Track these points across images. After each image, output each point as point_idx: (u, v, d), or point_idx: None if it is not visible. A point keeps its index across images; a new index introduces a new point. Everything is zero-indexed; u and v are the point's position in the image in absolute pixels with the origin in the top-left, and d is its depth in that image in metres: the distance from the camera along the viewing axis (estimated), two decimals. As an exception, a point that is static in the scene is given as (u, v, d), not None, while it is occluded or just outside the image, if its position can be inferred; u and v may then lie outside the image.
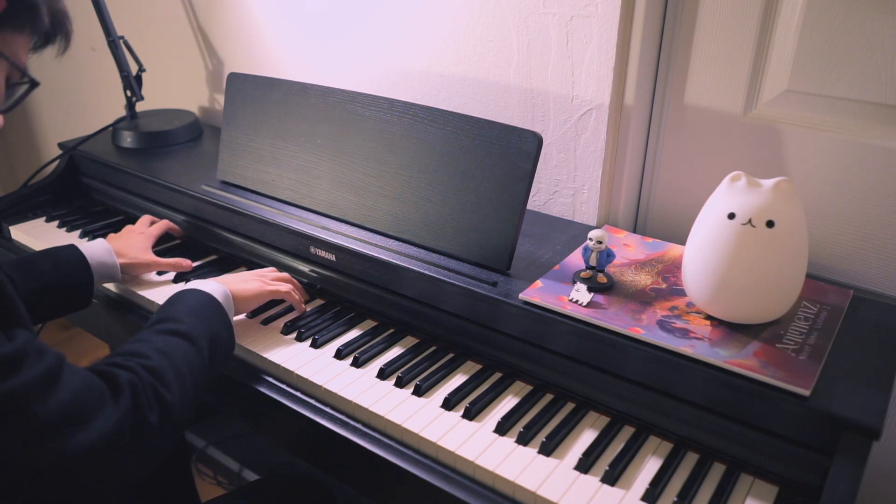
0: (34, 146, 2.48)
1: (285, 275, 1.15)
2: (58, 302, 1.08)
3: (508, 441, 0.86)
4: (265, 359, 1.02)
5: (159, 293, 1.17)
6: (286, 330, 1.07)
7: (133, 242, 1.20)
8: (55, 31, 0.74)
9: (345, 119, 1.17)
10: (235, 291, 1.02)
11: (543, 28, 1.15)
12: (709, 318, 0.90)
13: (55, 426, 0.66)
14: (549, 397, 0.94)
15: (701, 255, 0.87)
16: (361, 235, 1.13)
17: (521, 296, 0.94)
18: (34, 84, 0.74)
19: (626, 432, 0.88)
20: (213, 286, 0.99)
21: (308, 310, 1.14)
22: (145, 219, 1.31)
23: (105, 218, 1.47)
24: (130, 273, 1.18)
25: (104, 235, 1.37)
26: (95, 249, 1.13)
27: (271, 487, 1.13)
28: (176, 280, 1.22)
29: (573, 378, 0.93)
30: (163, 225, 1.30)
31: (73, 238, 1.38)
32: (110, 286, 1.22)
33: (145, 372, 0.77)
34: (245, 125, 1.29)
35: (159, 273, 1.23)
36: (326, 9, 1.42)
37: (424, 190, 1.08)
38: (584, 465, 0.82)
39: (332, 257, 1.13)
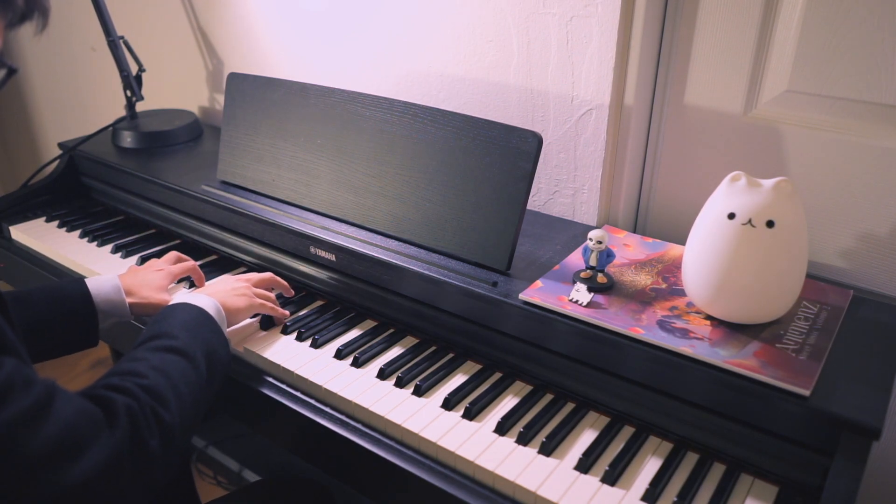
0: (34, 146, 2.48)
1: (267, 275, 1.12)
2: (58, 339, 1.00)
3: (508, 441, 0.86)
4: (265, 359, 1.02)
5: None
6: (286, 330, 1.07)
7: (148, 280, 1.09)
8: (30, 7, 0.69)
9: (345, 119, 1.17)
10: (226, 304, 0.99)
11: (543, 28, 1.15)
12: (709, 318, 0.90)
13: (47, 459, 0.63)
14: (549, 397, 0.94)
15: (701, 255, 0.87)
16: (361, 235, 1.13)
17: (521, 296, 0.94)
18: (12, 70, 0.69)
19: (626, 432, 0.88)
20: (205, 300, 0.95)
21: (306, 311, 1.14)
22: (172, 255, 1.18)
23: (105, 218, 1.47)
24: (140, 314, 1.07)
25: (104, 235, 1.37)
26: (103, 286, 1.03)
27: (272, 489, 1.13)
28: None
29: (573, 378, 0.93)
30: (187, 267, 1.16)
31: (72, 238, 1.38)
32: None
33: (143, 393, 0.74)
34: (245, 125, 1.29)
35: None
36: (327, 9, 1.42)
37: (424, 190, 1.08)
38: (584, 465, 0.82)
39: (332, 257, 1.13)
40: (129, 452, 0.69)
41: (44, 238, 1.38)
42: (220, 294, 1.00)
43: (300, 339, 1.05)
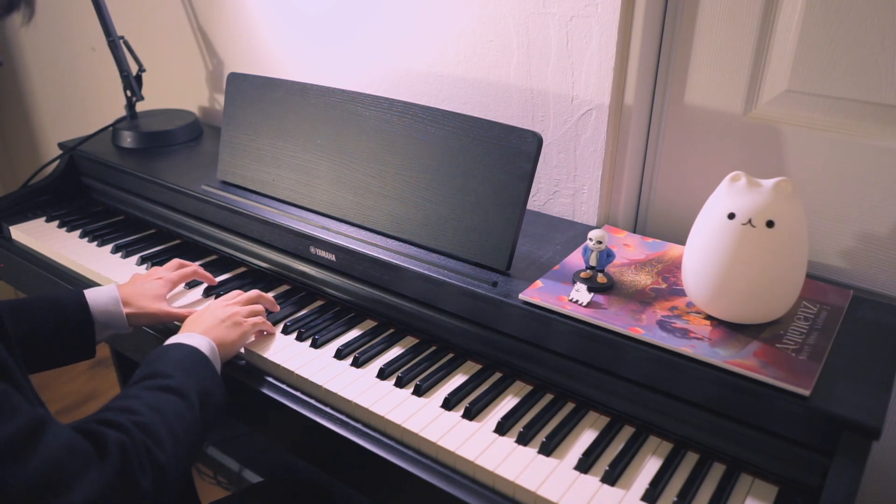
0: (34, 146, 2.48)
1: (253, 293, 1.09)
2: (55, 350, 0.99)
3: (508, 441, 0.86)
4: (265, 359, 1.02)
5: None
6: (286, 330, 1.07)
7: (146, 289, 1.08)
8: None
9: (345, 119, 1.17)
10: (220, 340, 0.96)
11: (543, 28, 1.15)
12: (709, 318, 0.90)
13: (31, 492, 0.60)
14: (549, 397, 0.94)
15: (701, 255, 0.87)
16: (361, 235, 1.13)
17: (521, 296, 0.94)
18: None
19: (626, 432, 0.88)
20: (198, 339, 0.93)
21: (306, 311, 1.14)
22: (174, 263, 1.17)
23: (105, 218, 1.47)
24: (139, 324, 1.06)
25: (104, 235, 1.37)
26: (101, 297, 1.03)
27: (272, 490, 1.13)
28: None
29: (573, 378, 0.93)
30: (188, 272, 1.16)
31: (72, 238, 1.38)
32: None
33: (137, 430, 0.72)
34: (245, 125, 1.29)
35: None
36: (327, 9, 1.42)
37: (424, 190, 1.08)
38: (584, 465, 0.82)
39: (332, 257, 1.13)
40: (118, 491, 0.67)
41: (44, 238, 1.38)
42: (212, 331, 0.97)
43: (300, 339, 1.05)
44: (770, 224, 0.81)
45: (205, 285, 1.19)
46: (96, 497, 0.64)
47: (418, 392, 0.94)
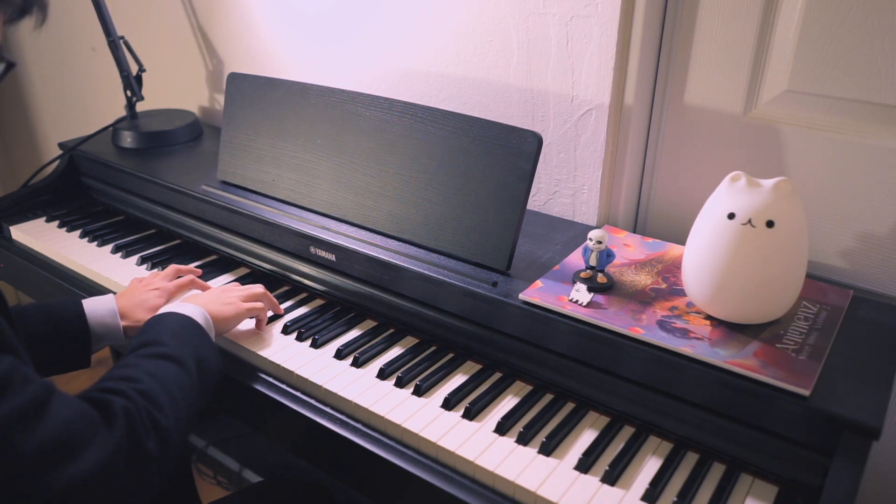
0: (34, 146, 2.48)
1: (259, 289, 1.08)
2: (50, 358, 0.99)
3: (508, 441, 0.86)
4: (265, 359, 1.02)
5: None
6: (286, 330, 1.07)
7: (142, 301, 1.07)
8: (29, 2, 0.68)
9: (345, 119, 1.17)
10: (214, 313, 0.98)
11: (543, 28, 1.15)
12: (709, 318, 0.90)
13: (43, 458, 0.62)
14: (549, 397, 0.94)
15: (701, 255, 0.87)
16: (361, 235, 1.13)
17: (521, 296, 0.94)
18: (11, 64, 0.69)
19: (626, 432, 0.88)
20: (191, 308, 0.95)
21: (306, 311, 1.14)
22: (171, 270, 1.16)
23: (105, 218, 1.47)
24: (134, 336, 1.06)
25: (104, 235, 1.37)
26: (98, 308, 1.02)
27: (272, 490, 1.13)
28: None
29: (573, 378, 0.93)
30: (185, 282, 1.14)
31: (72, 238, 1.38)
32: None
33: (139, 396, 0.74)
34: (245, 125, 1.29)
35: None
36: (327, 9, 1.42)
37: (424, 190, 1.08)
38: (584, 465, 0.82)
39: (332, 257, 1.13)
40: (126, 453, 0.69)
41: (44, 238, 1.38)
42: (207, 304, 0.99)
43: (300, 339, 1.05)
44: (770, 224, 0.81)
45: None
46: (105, 460, 0.66)
47: (418, 392, 0.94)
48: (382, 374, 0.97)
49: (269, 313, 1.11)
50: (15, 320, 0.94)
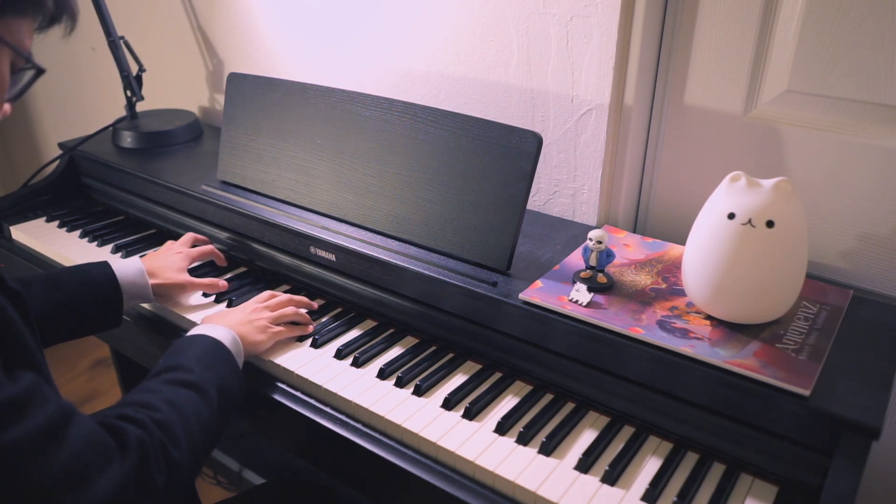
0: (34, 146, 2.48)
1: (285, 299, 1.08)
2: (85, 319, 1.04)
3: (508, 441, 0.86)
4: (265, 359, 1.02)
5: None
6: (286, 330, 1.07)
7: (168, 262, 1.14)
8: (60, 11, 0.68)
9: (345, 119, 1.17)
10: (245, 337, 0.97)
11: (543, 28, 1.15)
12: (709, 318, 0.90)
13: (52, 486, 0.61)
14: (549, 397, 0.94)
15: (701, 255, 0.87)
16: (361, 235, 1.13)
17: (521, 296, 0.94)
18: (40, 71, 0.69)
19: (626, 432, 0.88)
20: (222, 332, 0.94)
21: (306, 310, 1.14)
22: (189, 237, 1.24)
23: (105, 218, 1.47)
24: (163, 294, 1.12)
25: (104, 235, 1.37)
26: (127, 269, 1.08)
27: (274, 491, 1.13)
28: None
29: (573, 378, 0.93)
30: (205, 250, 1.21)
31: (73, 238, 1.38)
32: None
33: (155, 427, 0.74)
34: (245, 125, 1.29)
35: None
36: (327, 9, 1.42)
37: (424, 190, 1.08)
38: (584, 465, 0.82)
39: (332, 257, 1.13)
40: (135, 486, 0.68)
41: (44, 238, 1.38)
42: (239, 326, 0.99)
43: (300, 339, 1.05)
44: (770, 224, 0.81)
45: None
46: (115, 492, 0.66)
47: (418, 392, 0.94)
48: (382, 374, 0.97)
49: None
50: (51, 287, 1.00)
